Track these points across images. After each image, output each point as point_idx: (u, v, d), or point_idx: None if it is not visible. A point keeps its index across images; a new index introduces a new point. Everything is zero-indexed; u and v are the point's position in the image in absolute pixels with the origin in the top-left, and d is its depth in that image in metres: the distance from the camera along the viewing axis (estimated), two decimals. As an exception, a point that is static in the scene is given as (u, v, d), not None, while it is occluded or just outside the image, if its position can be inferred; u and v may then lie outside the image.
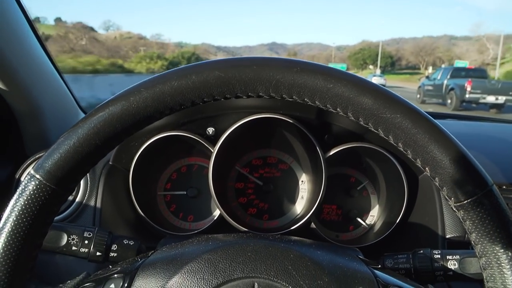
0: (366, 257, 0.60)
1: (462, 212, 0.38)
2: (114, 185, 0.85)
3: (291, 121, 0.81)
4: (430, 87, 15.92)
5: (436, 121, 0.40)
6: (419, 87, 17.32)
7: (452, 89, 13.68)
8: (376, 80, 35.97)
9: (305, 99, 0.40)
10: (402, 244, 0.86)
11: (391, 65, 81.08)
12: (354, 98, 0.39)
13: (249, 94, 0.41)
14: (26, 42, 0.96)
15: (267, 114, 0.82)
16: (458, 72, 15.35)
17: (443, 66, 35.33)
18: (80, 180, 0.43)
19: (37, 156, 0.85)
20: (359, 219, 0.93)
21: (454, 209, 0.39)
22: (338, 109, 0.40)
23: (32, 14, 0.94)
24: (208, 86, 0.40)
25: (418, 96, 16.99)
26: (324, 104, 0.40)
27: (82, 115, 1.18)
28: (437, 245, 0.77)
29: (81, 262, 0.60)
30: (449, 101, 13.79)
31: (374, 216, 0.93)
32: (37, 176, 0.38)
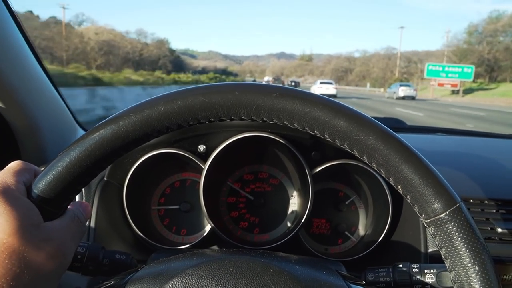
0: (353, 271, 0.63)
1: (432, 228, 0.42)
2: (109, 200, 0.87)
3: (278, 139, 0.84)
4: None
5: (409, 143, 0.43)
6: None
7: None
8: (403, 91, 29.36)
9: (285, 122, 0.44)
10: (388, 257, 0.88)
11: None
12: (330, 121, 0.42)
13: (232, 117, 0.44)
14: (23, 57, 0.99)
15: (256, 132, 0.85)
16: None
17: None
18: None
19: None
20: (347, 233, 0.95)
21: (425, 225, 0.42)
22: (315, 131, 0.43)
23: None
24: (193, 111, 0.43)
25: None
26: (302, 126, 0.44)
27: (79, 130, 1.21)
28: (420, 259, 0.80)
29: (75, 276, 0.62)
30: None
31: (362, 230, 0.96)
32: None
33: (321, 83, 34.92)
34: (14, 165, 0.45)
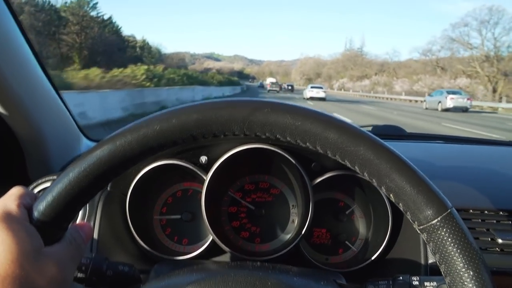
0: (354, 283, 0.64)
1: (425, 235, 0.43)
2: (111, 209, 0.89)
3: (279, 151, 0.85)
4: None
5: (397, 152, 0.44)
6: None
7: None
8: (453, 100, 22.95)
9: (277, 136, 0.45)
10: (388, 268, 0.89)
11: None
12: (320, 134, 0.44)
13: (226, 133, 0.46)
14: (27, 65, 0.98)
15: (257, 144, 0.86)
16: None
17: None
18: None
19: (39, 182, 0.89)
20: (347, 243, 0.96)
21: (418, 231, 0.43)
22: (307, 143, 0.45)
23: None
24: (187, 128, 0.44)
25: None
26: (295, 139, 0.45)
27: (83, 138, 1.22)
28: (420, 270, 0.80)
29: (78, 287, 0.63)
30: None
31: (362, 239, 0.97)
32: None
33: (312, 87, 39.03)
34: (14, 190, 0.46)
